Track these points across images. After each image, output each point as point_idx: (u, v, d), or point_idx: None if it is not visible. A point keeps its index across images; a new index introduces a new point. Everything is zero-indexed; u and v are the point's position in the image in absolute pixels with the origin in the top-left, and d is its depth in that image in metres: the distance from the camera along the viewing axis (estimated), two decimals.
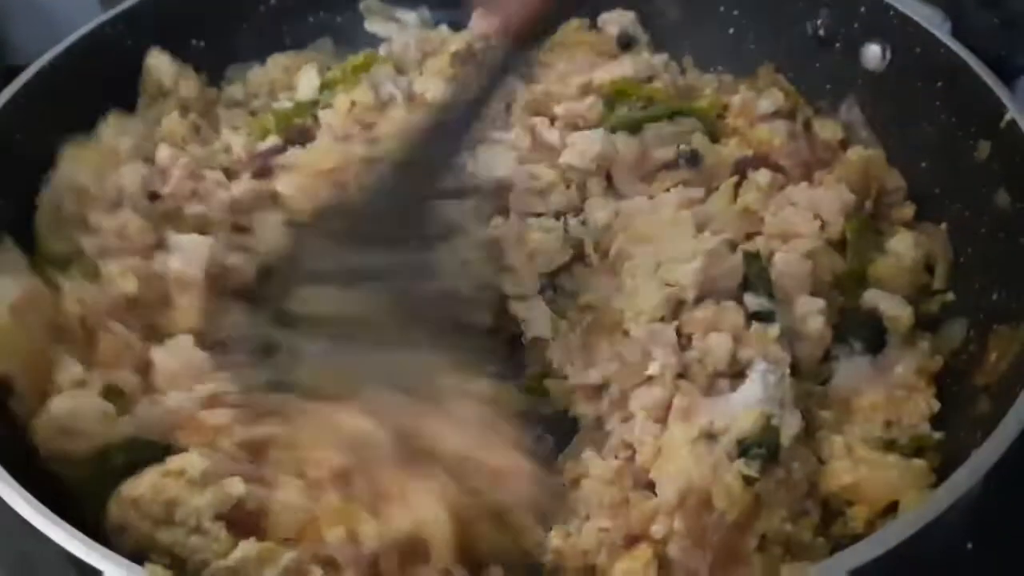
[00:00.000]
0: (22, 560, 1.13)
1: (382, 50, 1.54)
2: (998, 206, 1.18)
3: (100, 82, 1.36)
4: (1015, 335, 1.07)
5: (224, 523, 0.94)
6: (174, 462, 0.97)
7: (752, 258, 1.17)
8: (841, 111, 1.41)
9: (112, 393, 1.05)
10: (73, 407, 1.02)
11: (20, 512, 0.89)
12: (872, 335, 1.17)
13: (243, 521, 0.96)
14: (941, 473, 1.01)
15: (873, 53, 1.36)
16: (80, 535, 0.87)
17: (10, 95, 1.24)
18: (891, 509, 1.00)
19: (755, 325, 1.11)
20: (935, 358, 1.16)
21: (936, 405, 1.11)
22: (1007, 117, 1.17)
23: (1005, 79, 1.23)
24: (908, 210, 1.31)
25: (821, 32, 1.41)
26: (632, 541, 0.97)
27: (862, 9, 1.36)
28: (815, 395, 1.13)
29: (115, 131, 1.32)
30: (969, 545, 1.14)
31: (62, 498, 0.90)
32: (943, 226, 1.26)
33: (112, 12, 1.38)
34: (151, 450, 1.00)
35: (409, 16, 1.57)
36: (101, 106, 1.34)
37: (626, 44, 1.52)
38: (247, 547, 0.91)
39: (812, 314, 1.15)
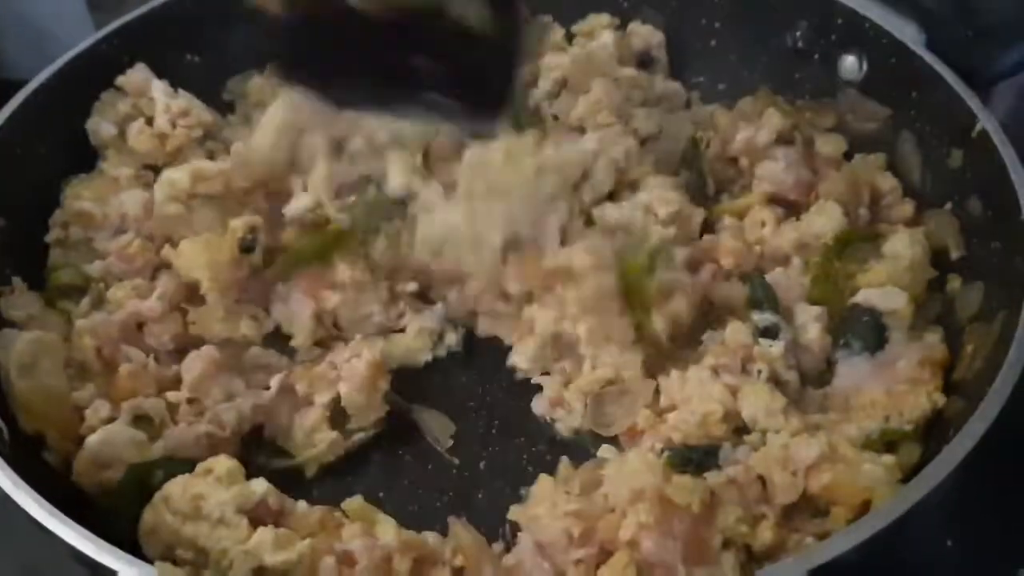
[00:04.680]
0: (28, 571, 1.15)
1: None
2: (971, 213, 1.22)
3: (97, 97, 1.38)
4: (989, 332, 1.11)
5: (247, 519, 1.00)
6: (203, 466, 1.04)
7: (754, 277, 1.23)
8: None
9: (141, 421, 1.11)
10: (105, 438, 1.07)
11: (33, 515, 0.92)
12: (870, 334, 1.18)
13: (265, 521, 1.01)
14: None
15: (850, 64, 1.40)
16: (91, 535, 0.90)
17: (9, 112, 1.26)
18: (867, 509, 1.01)
19: (761, 342, 1.15)
20: (941, 348, 1.16)
21: (941, 399, 1.10)
22: (978, 127, 1.20)
23: (979, 89, 1.26)
24: (908, 207, 1.32)
25: (800, 44, 1.44)
26: (606, 555, 1.00)
27: (839, 21, 1.39)
28: (815, 399, 1.16)
29: (115, 162, 1.36)
30: (949, 543, 1.16)
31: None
32: (947, 206, 1.26)
33: (107, 29, 1.39)
34: (187, 467, 1.06)
35: None
36: None
37: (645, 63, 1.52)
38: (264, 532, 0.98)
39: (810, 322, 1.19)
